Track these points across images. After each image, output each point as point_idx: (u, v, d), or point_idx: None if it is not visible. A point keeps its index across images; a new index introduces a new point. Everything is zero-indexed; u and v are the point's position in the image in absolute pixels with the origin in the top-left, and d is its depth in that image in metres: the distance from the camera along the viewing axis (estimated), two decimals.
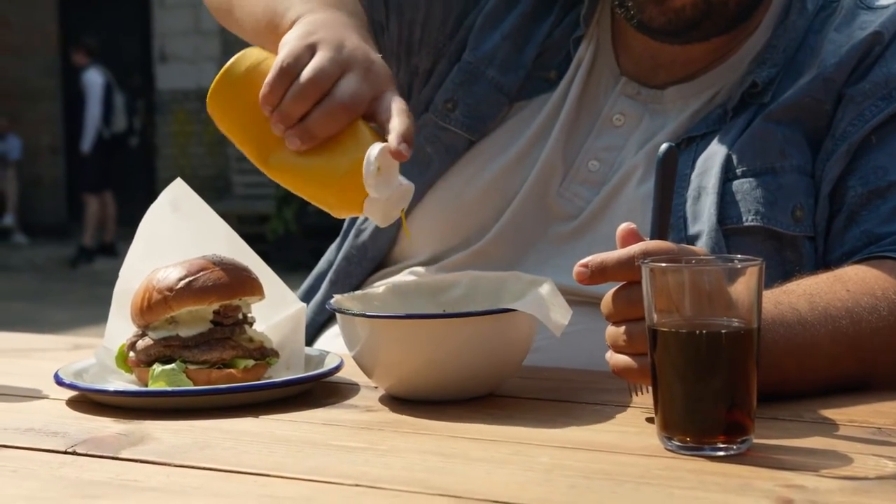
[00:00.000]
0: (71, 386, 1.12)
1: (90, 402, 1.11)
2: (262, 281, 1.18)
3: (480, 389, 1.10)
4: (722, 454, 0.89)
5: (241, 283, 1.15)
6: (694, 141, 1.32)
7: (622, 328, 1.00)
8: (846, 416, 1.01)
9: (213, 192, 11.64)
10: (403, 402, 1.09)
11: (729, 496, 0.80)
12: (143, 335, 1.15)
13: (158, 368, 1.12)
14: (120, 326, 1.20)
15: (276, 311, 1.22)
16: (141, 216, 1.26)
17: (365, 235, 1.45)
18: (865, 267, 1.17)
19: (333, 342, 1.38)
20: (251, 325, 1.17)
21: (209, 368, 1.12)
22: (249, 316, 1.17)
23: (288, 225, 10.84)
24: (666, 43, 1.35)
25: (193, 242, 1.22)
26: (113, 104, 11.60)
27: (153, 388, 1.11)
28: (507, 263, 1.33)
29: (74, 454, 0.94)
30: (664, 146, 1.02)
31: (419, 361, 1.07)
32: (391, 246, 1.45)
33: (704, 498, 0.80)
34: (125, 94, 12.03)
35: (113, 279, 1.24)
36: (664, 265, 0.91)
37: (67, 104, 13.19)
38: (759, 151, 1.28)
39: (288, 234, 10.83)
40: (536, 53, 1.41)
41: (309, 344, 1.35)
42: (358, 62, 1.13)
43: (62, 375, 1.13)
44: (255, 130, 1.15)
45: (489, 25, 1.42)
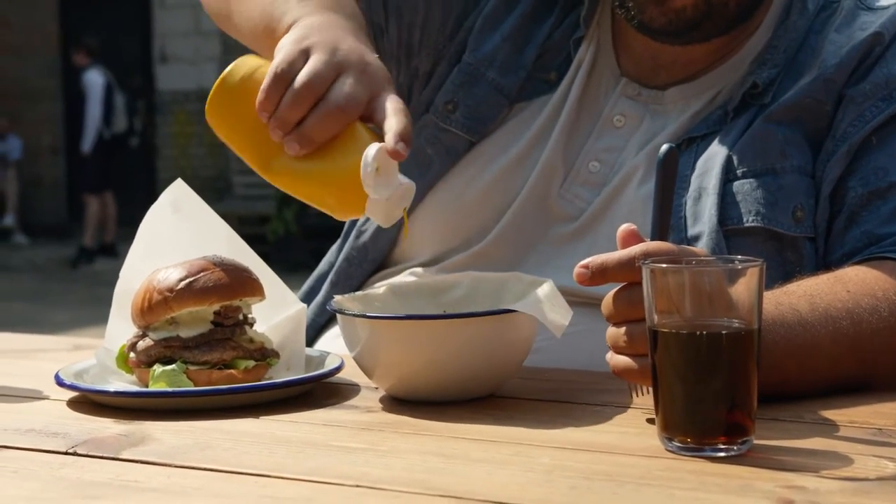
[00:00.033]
0: (71, 387, 1.12)
1: (91, 402, 1.11)
2: (262, 282, 1.18)
3: (481, 390, 1.10)
4: (722, 455, 0.89)
5: (241, 283, 1.15)
6: (694, 142, 1.32)
7: (623, 329, 1.00)
8: (847, 417, 1.01)
9: (213, 192, 11.64)
10: (404, 402, 1.09)
11: (729, 497, 0.80)
12: (143, 336, 1.15)
13: (159, 369, 1.12)
14: (120, 327, 1.20)
15: (276, 311, 1.22)
16: (141, 217, 1.26)
17: (366, 237, 1.45)
18: (866, 268, 1.17)
19: (334, 343, 1.38)
20: (252, 325, 1.17)
21: (210, 369, 1.12)
22: (250, 317, 1.17)
23: (288, 226, 10.84)
24: (666, 43, 1.34)
25: (194, 243, 1.22)
26: (113, 105, 11.60)
27: (154, 388, 1.11)
28: (507, 264, 1.33)
29: (75, 455, 0.94)
30: (665, 147, 1.02)
31: (420, 362, 1.07)
32: (392, 247, 1.45)
33: (705, 499, 0.80)
34: (125, 94, 12.03)
35: (113, 280, 1.24)
36: (665, 266, 0.91)
37: (68, 104, 13.19)
38: (759, 152, 1.28)
39: (288, 234, 10.83)
40: (536, 55, 1.41)
41: (309, 345, 1.34)
42: (353, 64, 1.13)
43: (63, 376, 1.13)
44: (254, 138, 1.16)
45: (489, 27, 1.42)
